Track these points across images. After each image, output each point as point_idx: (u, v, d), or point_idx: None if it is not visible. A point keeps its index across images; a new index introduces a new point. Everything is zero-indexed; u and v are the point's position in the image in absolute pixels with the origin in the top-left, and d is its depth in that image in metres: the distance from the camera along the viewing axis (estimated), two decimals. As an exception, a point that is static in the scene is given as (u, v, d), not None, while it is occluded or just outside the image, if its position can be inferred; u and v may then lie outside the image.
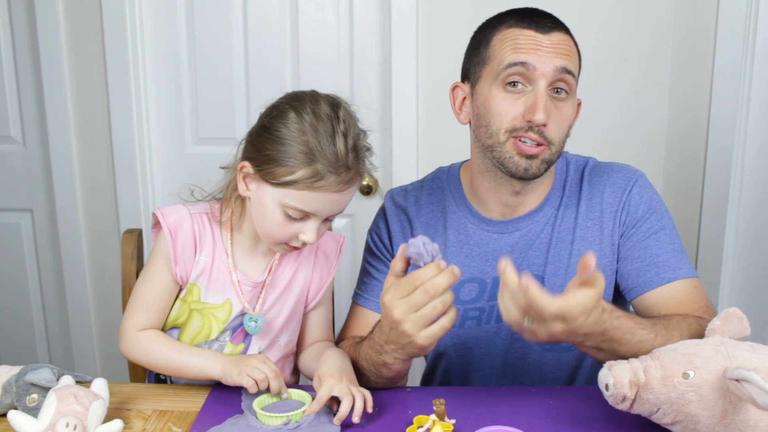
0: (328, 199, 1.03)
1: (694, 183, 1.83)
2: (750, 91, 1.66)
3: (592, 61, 1.93)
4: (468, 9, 1.89)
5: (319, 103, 1.03)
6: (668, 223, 1.18)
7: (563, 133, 1.13)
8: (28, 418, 0.89)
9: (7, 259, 2.24)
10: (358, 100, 1.64)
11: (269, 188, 1.04)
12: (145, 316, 1.12)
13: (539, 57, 1.09)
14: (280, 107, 1.05)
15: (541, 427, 0.96)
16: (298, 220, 1.05)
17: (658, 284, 1.12)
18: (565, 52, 1.11)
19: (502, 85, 1.11)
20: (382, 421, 1.01)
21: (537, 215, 1.21)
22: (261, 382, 1.01)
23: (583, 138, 1.96)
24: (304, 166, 1.00)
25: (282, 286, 1.17)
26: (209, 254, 1.13)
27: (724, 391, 0.82)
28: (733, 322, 0.93)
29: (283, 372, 1.22)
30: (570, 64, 1.11)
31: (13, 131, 2.15)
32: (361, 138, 1.06)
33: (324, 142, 1.00)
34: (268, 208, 1.05)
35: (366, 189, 2.05)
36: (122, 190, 2.08)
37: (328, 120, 1.02)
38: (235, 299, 1.14)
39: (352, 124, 1.04)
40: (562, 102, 1.12)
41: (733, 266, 1.75)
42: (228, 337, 1.16)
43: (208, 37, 2.02)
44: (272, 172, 1.02)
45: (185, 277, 1.13)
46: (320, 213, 1.05)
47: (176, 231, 1.12)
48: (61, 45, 2.00)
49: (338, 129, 1.02)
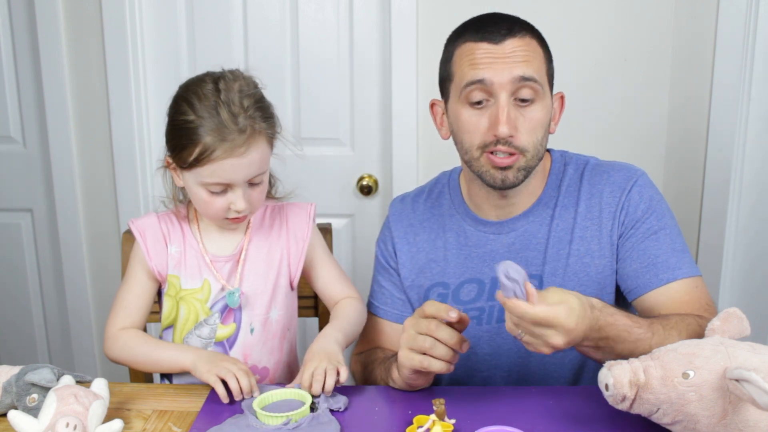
0: (234, 164, 1.08)
1: (694, 183, 1.83)
2: (750, 91, 1.66)
3: (592, 61, 1.94)
4: (468, 9, 1.88)
5: (203, 84, 1.10)
6: (669, 222, 1.17)
7: (537, 138, 1.13)
8: (28, 418, 0.89)
9: (7, 259, 2.24)
10: (359, 101, 1.63)
11: (186, 173, 1.12)
12: (124, 314, 1.19)
13: (495, 71, 1.10)
14: (174, 98, 1.14)
15: (541, 427, 0.96)
16: (222, 194, 1.11)
17: (657, 285, 1.12)
18: (522, 59, 1.11)
19: (467, 103, 1.13)
20: (382, 421, 1.01)
21: (531, 215, 1.21)
22: (230, 382, 1.03)
23: (583, 138, 1.96)
24: (197, 143, 1.07)
25: (259, 260, 1.21)
26: (180, 244, 1.20)
27: (724, 391, 0.82)
28: (733, 322, 0.93)
29: (281, 352, 1.24)
30: (529, 71, 1.10)
31: (13, 131, 2.15)
32: (248, 99, 1.10)
33: (209, 115, 1.07)
34: (192, 190, 1.13)
35: (366, 189, 2.05)
36: (122, 190, 2.08)
37: (211, 95, 1.08)
38: (212, 279, 1.18)
39: (236, 90, 1.09)
40: (528, 108, 1.12)
41: (733, 266, 1.75)
42: (218, 319, 1.19)
43: (208, 37, 2.02)
44: (181, 158, 1.10)
45: (163, 271, 1.19)
46: (237, 180, 1.10)
47: (144, 230, 1.20)
48: (61, 45, 2.00)
49: (219, 100, 1.07)
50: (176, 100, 1.13)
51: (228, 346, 1.20)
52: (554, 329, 0.90)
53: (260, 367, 1.21)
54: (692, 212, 1.84)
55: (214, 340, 1.19)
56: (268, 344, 1.21)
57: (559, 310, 0.89)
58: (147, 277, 1.20)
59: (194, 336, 1.19)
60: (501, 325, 1.20)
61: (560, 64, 1.93)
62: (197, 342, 1.19)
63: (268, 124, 1.12)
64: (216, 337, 1.19)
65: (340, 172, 2.08)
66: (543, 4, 1.89)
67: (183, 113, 1.09)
